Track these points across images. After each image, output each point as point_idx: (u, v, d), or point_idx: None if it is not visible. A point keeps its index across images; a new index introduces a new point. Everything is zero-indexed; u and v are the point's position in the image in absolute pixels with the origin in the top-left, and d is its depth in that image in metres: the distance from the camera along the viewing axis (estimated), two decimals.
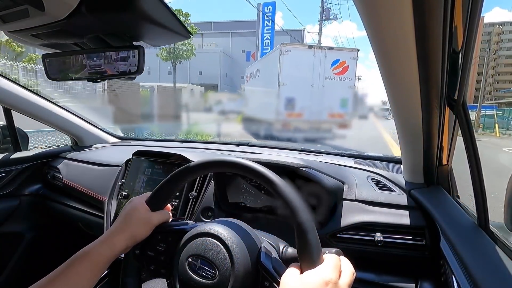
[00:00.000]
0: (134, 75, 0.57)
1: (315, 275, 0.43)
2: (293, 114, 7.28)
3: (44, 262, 1.51)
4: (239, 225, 0.57)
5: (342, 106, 7.40)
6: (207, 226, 0.55)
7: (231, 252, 0.50)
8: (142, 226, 0.57)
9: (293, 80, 7.25)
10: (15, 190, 1.41)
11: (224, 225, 0.55)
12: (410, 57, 0.48)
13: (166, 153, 1.14)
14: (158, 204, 0.60)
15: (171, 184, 0.60)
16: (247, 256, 0.51)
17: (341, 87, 7.43)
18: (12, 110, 1.40)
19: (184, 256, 0.52)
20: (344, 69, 7.45)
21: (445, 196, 0.81)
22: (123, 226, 0.57)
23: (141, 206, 0.59)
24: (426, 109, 0.63)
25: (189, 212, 1.01)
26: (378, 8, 0.40)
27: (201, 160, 0.58)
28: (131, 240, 0.56)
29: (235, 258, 0.50)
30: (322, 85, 7.39)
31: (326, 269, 0.44)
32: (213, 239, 0.52)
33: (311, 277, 0.43)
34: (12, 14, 0.48)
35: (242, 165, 0.55)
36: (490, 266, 0.53)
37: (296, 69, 7.28)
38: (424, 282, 0.76)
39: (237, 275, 0.49)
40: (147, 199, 0.61)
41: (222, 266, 0.50)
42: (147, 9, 0.48)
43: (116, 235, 0.56)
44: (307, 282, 0.42)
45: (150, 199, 0.60)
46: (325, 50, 7.42)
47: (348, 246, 0.81)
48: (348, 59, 7.47)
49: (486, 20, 61.47)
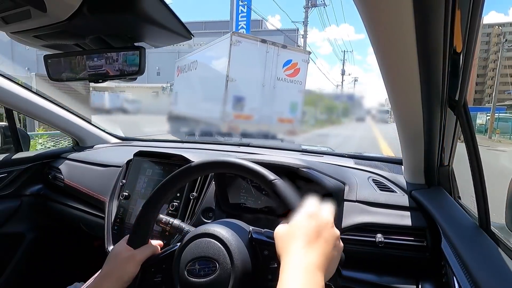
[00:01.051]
0: (135, 76, 0.57)
1: (299, 215, 0.49)
2: (242, 115, 6.34)
3: (45, 263, 1.51)
4: (225, 220, 0.61)
5: (292, 111, 6.75)
6: (195, 230, 0.58)
7: (225, 242, 0.53)
8: (127, 266, 0.58)
9: (243, 77, 6.22)
10: (17, 190, 1.41)
11: (212, 224, 0.58)
12: (411, 58, 0.48)
13: (167, 153, 1.14)
14: (139, 240, 0.62)
15: (146, 216, 0.62)
16: (240, 241, 0.54)
17: (292, 91, 6.73)
18: (14, 110, 1.41)
19: (182, 267, 0.53)
20: (295, 71, 6.77)
21: (446, 197, 0.81)
22: (108, 271, 0.59)
23: (122, 248, 0.61)
24: (427, 110, 0.63)
25: (190, 212, 1.02)
26: (379, 10, 0.40)
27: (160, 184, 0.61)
28: (118, 283, 0.57)
29: (230, 246, 0.52)
30: (273, 86, 6.58)
31: (307, 207, 0.50)
32: (205, 238, 0.54)
33: (296, 218, 0.49)
34: (14, 15, 0.48)
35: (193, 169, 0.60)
36: (491, 267, 0.53)
37: (246, 65, 6.42)
38: (425, 283, 0.76)
39: (236, 260, 0.51)
40: (127, 240, 0.62)
41: (219, 257, 0.51)
42: (148, 10, 0.48)
43: (103, 281, 0.57)
44: (294, 223, 0.48)
45: (129, 239, 0.62)
46: (278, 47, 6.60)
47: (349, 247, 0.81)
48: (300, 61, 6.80)
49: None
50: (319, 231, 0.46)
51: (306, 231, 0.46)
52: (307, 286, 0.40)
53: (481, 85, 58.05)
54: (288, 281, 0.40)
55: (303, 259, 0.43)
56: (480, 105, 44.66)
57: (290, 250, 0.44)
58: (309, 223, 0.47)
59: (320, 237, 0.46)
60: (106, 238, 1.08)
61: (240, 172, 0.59)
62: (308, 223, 0.47)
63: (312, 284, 0.40)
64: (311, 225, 0.47)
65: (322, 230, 0.47)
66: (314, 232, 0.46)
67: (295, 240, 0.45)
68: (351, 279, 0.80)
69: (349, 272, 0.80)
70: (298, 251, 0.44)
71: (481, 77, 57.49)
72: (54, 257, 1.55)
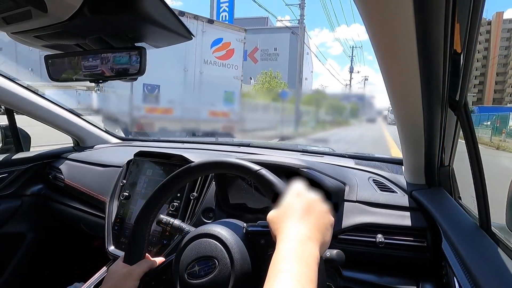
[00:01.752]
0: (136, 76, 0.58)
1: (287, 195, 0.51)
2: (158, 109, 4.97)
3: (45, 263, 1.51)
4: (220, 220, 0.62)
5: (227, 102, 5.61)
6: (191, 233, 0.58)
7: (222, 240, 0.53)
8: (125, 283, 0.59)
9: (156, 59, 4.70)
10: (17, 190, 1.42)
11: (207, 224, 0.59)
12: (412, 59, 0.48)
13: (167, 153, 1.14)
14: (134, 257, 0.63)
15: (138, 232, 0.63)
16: (236, 237, 0.55)
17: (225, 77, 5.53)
18: (14, 110, 1.41)
19: (182, 271, 0.54)
20: (228, 53, 5.59)
21: (447, 197, 0.81)
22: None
23: (118, 266, 0.62)
24: (427, 110, 0.63)
25: (190, 213, 1.02)
26: (379, 10, 0.40)
27: (151, 196, 0.63)
28: None
29: (228, 243, 0.53)
30: (200, 71, 5.35)
31: (294, 186, 0.52)
32: (202, 239, 0.55)
33: (285, 200, 0.50)
34: (15, 16, 0.48)
35: (182, 174, 0.61)
36: (492, 267, 0.53)
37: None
38: (426, 283, 0.76)
39: (235, 255, 0.51)
40: (123, 259, 0.64)
41: (218, 255, 0.52)
42: (149, 10, 0.48)
43: None
44: (284, 204, 0.50)
45: (125, 257, 0.63)
46: (203, 22, 5.33)
47: (349, 248, 0.81)
48: (234, 41, 5.63)
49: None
50: (309, 206, 0.48)
51: (297, 208, 0.48)
52: (301, 255, 0.41)
53: (501, 84, 56.31)
54: (282, 251, 0.42)
55: (296, 231, 0.44)
56: (500, 105, 43.30)
57: (283, 228, 0.46)
58: (298, 201, 0.49)
59: (311, 212, 0.48)
60: (106, 238, 1.08)
61: (224, 169, 0.61)
62: (298, 201, 0.49)
63: (306, 253, 0.41)
64: (300, 202, 0.49)
65: (312, 205, 0.49)
66: (304, 208, 0.48)
67: (288, 218, 0.47)
68: (351, 279, 0.80)
69: (349, 272, 0.80)
70: (291, 227, 0.45)
71: (501, 75, 55.66)
72: (54, 257, 1.55)
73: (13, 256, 1.41)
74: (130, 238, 0.63)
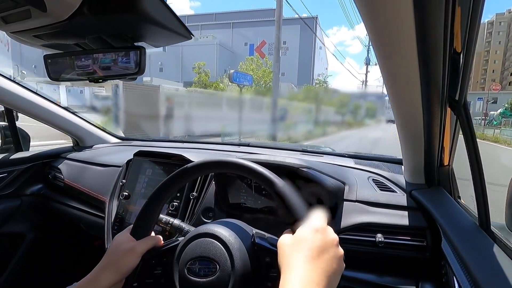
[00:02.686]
0: (135, 76, 0.57)
1: (305, 227, 0.47)
2: None
3: (45, 263, 1.51)
4: (229, 221, 0.60)
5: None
6: (198, 229, 0.57)
7: (226, 244, 0.52)
8: (127, 257, 0.58)
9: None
10: (17, 190, 1.41)
11: (215, 224, 0.58)
12: (411, 58, 0.48)
13: (167, 153, 1.14)
14: (142, 232, 0.61)
15: (151, 207, 0.61)
16: (242, 245, 0.53)
17: None
18: (14, 110, 1.41)
19: (182, 264, 0.53)
20: None
21: (446, 197, 0.81)
22: (107, 262, 0.58)
23: (124, 238, 0.61)
24: (427, 110, 0.63)
25: (190, 212, 1.02)
26: (379, 9, 0.40)
27: (169, 177, 0.61)
28: (117, 274, 0.56)
29: (232, 249, 0.52)
30: None
31: (314, 220, 0.49)
32: (207, 238, 0.54)
33: (302, 231, 0.47)
34: (14, 15, 0.48)
35: (206, 166, 0.59)
36: (491, 267, 0.53)
37: None
38: (425, 283, 0.76)
39: (237, 263, 0.51)
40: (130, 230, 0.62)
41: (220, 259, 0.51)
42: (148, 10, 0.48)
43: (102, 272, 0.57)
44: (299, 235, 0.47)
45: (133, 229, 0.62)
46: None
47: (349, 247, 0.81)
48: None
49: None
50: (324, 248, 0.45)
51: (311, 246, 0.45)
52: None
53: None
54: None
55: (304, 276, 0.41)
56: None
57: (292, 264, 0.43)
58: (314, 238, 0.46)
59: (324, 254, 0.44)
60: (106, 238, 1.08)
61: (248, 174, 0.57)
62: (314, 238, 0.46)
63: None
64: (317, 241, 0.45)
65: (327, 248, 0.45)
66: (319, 248, 0.45)
67: (298, 254, 0.44)
68: (351, 279, 0.80)
69: (349, 272, 0.80)
70: (300, 266, 0.42)
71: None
72: (54, 257, 1.55)
73: (13, 256, 1.41)
74: (141, 213, 0.61)
